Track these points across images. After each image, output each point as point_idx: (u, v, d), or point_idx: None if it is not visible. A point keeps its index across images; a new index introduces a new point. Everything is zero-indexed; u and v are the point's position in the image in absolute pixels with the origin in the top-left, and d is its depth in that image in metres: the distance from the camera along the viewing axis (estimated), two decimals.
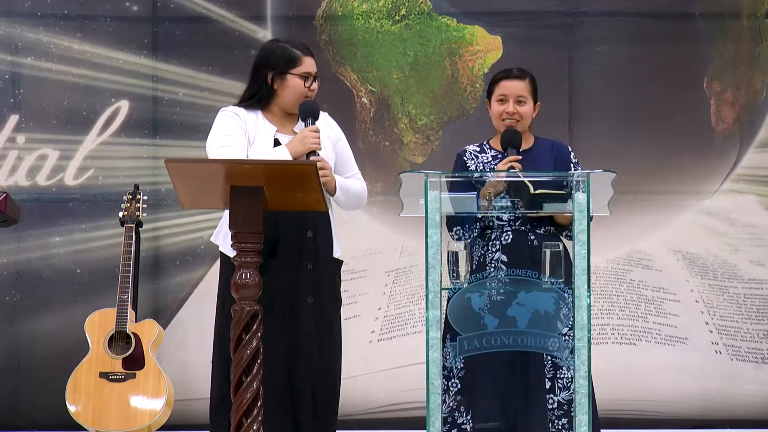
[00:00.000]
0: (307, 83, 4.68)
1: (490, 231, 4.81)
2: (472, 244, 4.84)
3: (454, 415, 4.76)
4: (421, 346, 4.25)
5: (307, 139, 4.56)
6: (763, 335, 6.61)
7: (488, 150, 4.94)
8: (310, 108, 4.66)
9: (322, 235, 4.66)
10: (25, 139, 6.63)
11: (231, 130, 4.65)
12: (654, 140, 6.58)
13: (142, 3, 6.64)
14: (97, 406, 5.95)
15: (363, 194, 4.84)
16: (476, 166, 4.89)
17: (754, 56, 6.67)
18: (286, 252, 4.55)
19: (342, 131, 4.87)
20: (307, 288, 4.62)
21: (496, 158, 4.90)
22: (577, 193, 4.21)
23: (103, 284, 6.41)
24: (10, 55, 6.62)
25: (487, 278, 4.30)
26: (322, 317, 4.65)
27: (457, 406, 4.76)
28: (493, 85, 4.94)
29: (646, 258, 6.63)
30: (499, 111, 4.89)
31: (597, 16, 6.63)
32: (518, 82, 4.89)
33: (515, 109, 4.87)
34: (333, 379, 4.69)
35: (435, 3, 6.64)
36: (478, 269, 4.75)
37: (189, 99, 6.63)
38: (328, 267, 4.68)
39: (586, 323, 4.16)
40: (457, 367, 4.76)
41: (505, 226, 4.80)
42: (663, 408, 6.54)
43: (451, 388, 4.76)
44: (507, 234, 4.80)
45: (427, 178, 4.19)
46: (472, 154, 4.94)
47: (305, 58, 4.70)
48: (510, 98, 4.87)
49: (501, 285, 4.27)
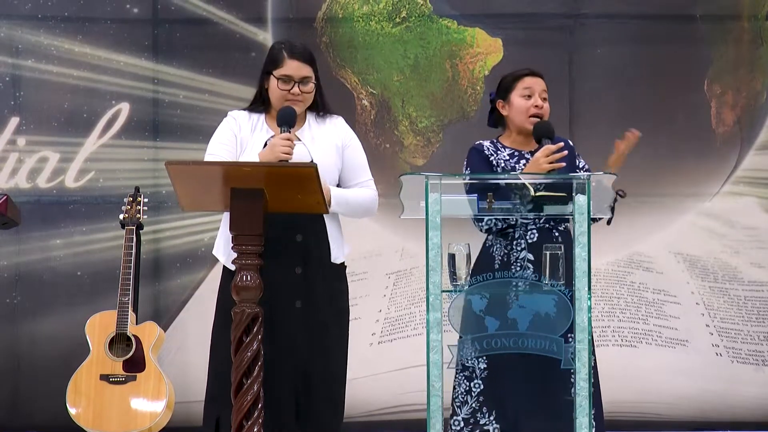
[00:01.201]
0: (285, 86, 4.59)
1: (513, 229, 4.79)
2: (491, 244, 4.82)
3: (476, 416, 4.75)
4: (422, 349, 4.25)
5: (276, 147, 4.43)
6: (763, 337, 6.61)
7: (502, 148, 4.91)
8: (284, 114, 4.53)
9: (314, 239, 4.58)
10: (26, 141, 6.63)
11: (222, 137, 4.63)
12: (654, 142, 6.58)
13: (142, 5, 6.65)
14: (98, 409, 5.95)
15: (368, 203, 4.70)
16: (495, 161, 4.87)
17: (754, 58, 6.67)
18: (271, 255, 4.34)
19: (356, 138, 4.75)
20: (295, 292, 4.54)
21: (513, 156, 4.87)
22: (578, 195, 4.22)
23: (104, 286, 6.41)
24: (11, 58, 6.62)
25: (487, 280, 4.30)
26: (314, 322, 4.56)
27: (479, 407, 4.75)
28: (512, 83, 4.89)
29: (647, 260, 6.63)
30: (526, 106, 4.85)
31: (597, 18, 6.63)
32: (540, 80, 4.90)
33: (542, 103, 4.86)
34: (329, 385, 4.60)
35: (435, 5, 6.65)
36: (502, 268, 4.71)
37: (189, 101, 6.63)
38: (322, 271, 4.59)
39: (586, 325, 4.16)
40: (480, 368, 4.75)
41: (529, 224, 4.77)
42: (663, 410, 6.54)
43: (473, 389, 4.75)
44: (532, 232, 4.77)
45: (427, 181, 4.19)
46: (489, 149, 4.91)
47: (289, 60, 4.58)
48: (536, 93, 4.86)
49: (501, 286, 4.27)
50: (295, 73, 4.59)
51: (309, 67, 4.62)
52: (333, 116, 4.76)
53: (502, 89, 4.93)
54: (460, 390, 4.77)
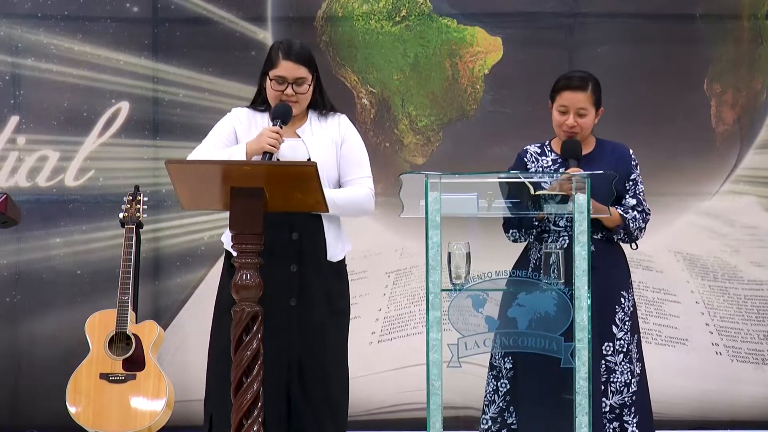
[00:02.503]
0: (279, 87, 4.60)
1: (547, 235, 4.79)
2: (529, 247, 4.82)
3: (503, 415, 4.77)
4: (422, 347, 4.25)
5: (263, 137, 4.47)
6: (763, 336, 6.61)
7: (549, 153, 4.90)
8: (279, 110, 4.57)
9: (310, 237, 4.58)
10: (26, 140, 6.63)
11: (221, 129, 4.68)
12: (654, 141, 6.58)
13: (142, 4, 6.64)
14: (98, 408, 5.95)
15: (360, 201, 4.66)
16: (536, 168, 4.85)
17: (754, 57, 6.67)
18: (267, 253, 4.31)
19: (357, 134, 4.74)
20: (290, 290, 4.55)
21: (557, 162, 4.86)
22: (578, 195, 4.22)
23: (104, 285, 6.41)
24: (11, 56, 6.62)
25: (487, 279, 4.30)
26: (309, 320, 4.57)
27: (506, 406, 4.77)
28: (555, 93, 4.85)
29: (647, 259, 6.63)
30: (559, 122, 4.82)
31: (597, 17, 6.63)
32: (579, 94, 4.81)
33: (575, 121, 4.80)
34: (325, 384, 4.59)
35: (435, 4, 6.64)
36: (535, 270, 4.66)
37: (189, 100, 6.63)
38: (318, 270, 4.59)
39: (586, 324, 4.16)
40: (506, 367, 4.77)
41: (561, 231, 4.78)
42: (663, 409, 6.53)
43: (500, 388, 4.77)
44: (563, 239, 4.77)
45: (427, 179, 4.19)
46: (533, 156, 4.89)
47: (282, 61, 4.58)
48: (571, 110, 4.81)
49: (501, 286, 4.28)
50: (289, 74, 4.60)
51: (304, 68, 4.61)
52: (336, 114, 4.76)
53: (551, 93, 4.89)
54: (489, 389, 4.82)
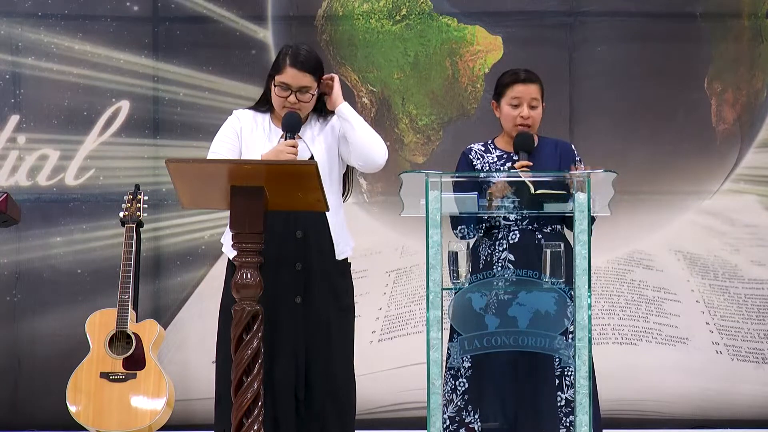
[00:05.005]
0: (283, 93, 4.58)
1: (497, 230, 4.80)
2: (478, 244, 4.84)
3: (461, 414, 4.76)
4: (422, 346, 4.25)
5: (281, 154, 4.45)
6: (763, 335, 6.61)
7: (493, 150, 4.93)
8: (290, 121, 4.55)
9: (316, 236, 4.59)
10: (26, 139, 6.63)
11: (225, 136, 4.66)
12: (654, 140, 6.58)
13: (142, 3, 6.64)
14: (98, 407, 5.95)
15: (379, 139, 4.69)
16: (482, 165, 4.88)
17: (754, 56, 6.67)
18: (272, 252, 4.36)
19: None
20: (295, 288, 4.56)
21: (502, 158, 4.88)
22: (578, 194, 4.22)
23: (104, 284, 6.41)
24: (11, 55, 6.62)
25: (488, 278, 4.30)
26: (315, 318, 4.57)
27: (465, 405, 4.76)
28: (504, 88, 4.88)
29: (647, 258, 6.63)
30: (513, 115, 4.85)
31: (597, 16, 6.63)
32: (531, 86, 4.86)
33: (529, 113, 4.85)
34: (331, 381, 4.59)
35: (436, 3, 6.64)
36: (485, 268, 4.73)
37: (189, 99, 6.63)
38: (324, 268, 4.60)
39: (586, 323, 4.16)
40: (465, 366, 4.76)
41: (512, 225, 4.79)
42: (663, 408, 6.54)
43: (458, 387, 4.76)
44: (514, 233, 4.79)
45: (427, 178, 4.19)
46: (477, 153, 4.92)
47: (288, 68, 4.56)
48: (524, 102, 4.84)
49: (502, 285, 4.28)
50: (293, 82, 4.58)
51: (309, 77, 4.59)
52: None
53: (496, 92, 4.94)
54: (446, 388, 4.79)
